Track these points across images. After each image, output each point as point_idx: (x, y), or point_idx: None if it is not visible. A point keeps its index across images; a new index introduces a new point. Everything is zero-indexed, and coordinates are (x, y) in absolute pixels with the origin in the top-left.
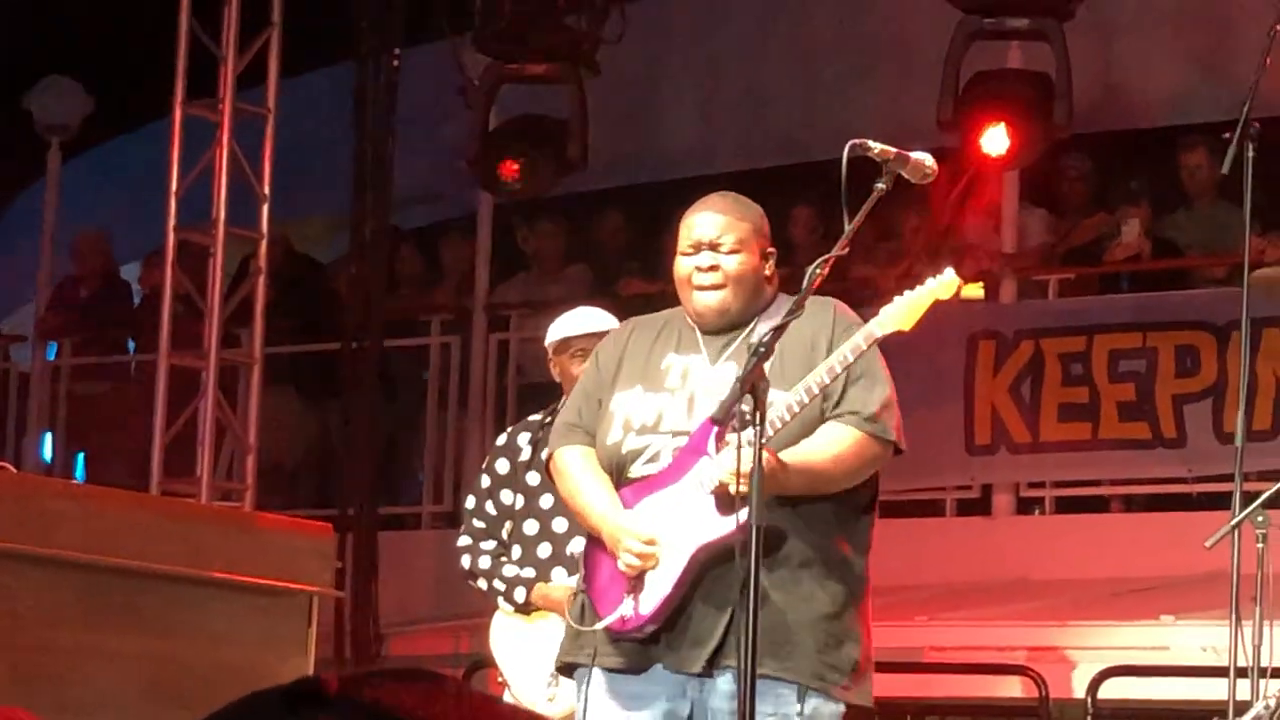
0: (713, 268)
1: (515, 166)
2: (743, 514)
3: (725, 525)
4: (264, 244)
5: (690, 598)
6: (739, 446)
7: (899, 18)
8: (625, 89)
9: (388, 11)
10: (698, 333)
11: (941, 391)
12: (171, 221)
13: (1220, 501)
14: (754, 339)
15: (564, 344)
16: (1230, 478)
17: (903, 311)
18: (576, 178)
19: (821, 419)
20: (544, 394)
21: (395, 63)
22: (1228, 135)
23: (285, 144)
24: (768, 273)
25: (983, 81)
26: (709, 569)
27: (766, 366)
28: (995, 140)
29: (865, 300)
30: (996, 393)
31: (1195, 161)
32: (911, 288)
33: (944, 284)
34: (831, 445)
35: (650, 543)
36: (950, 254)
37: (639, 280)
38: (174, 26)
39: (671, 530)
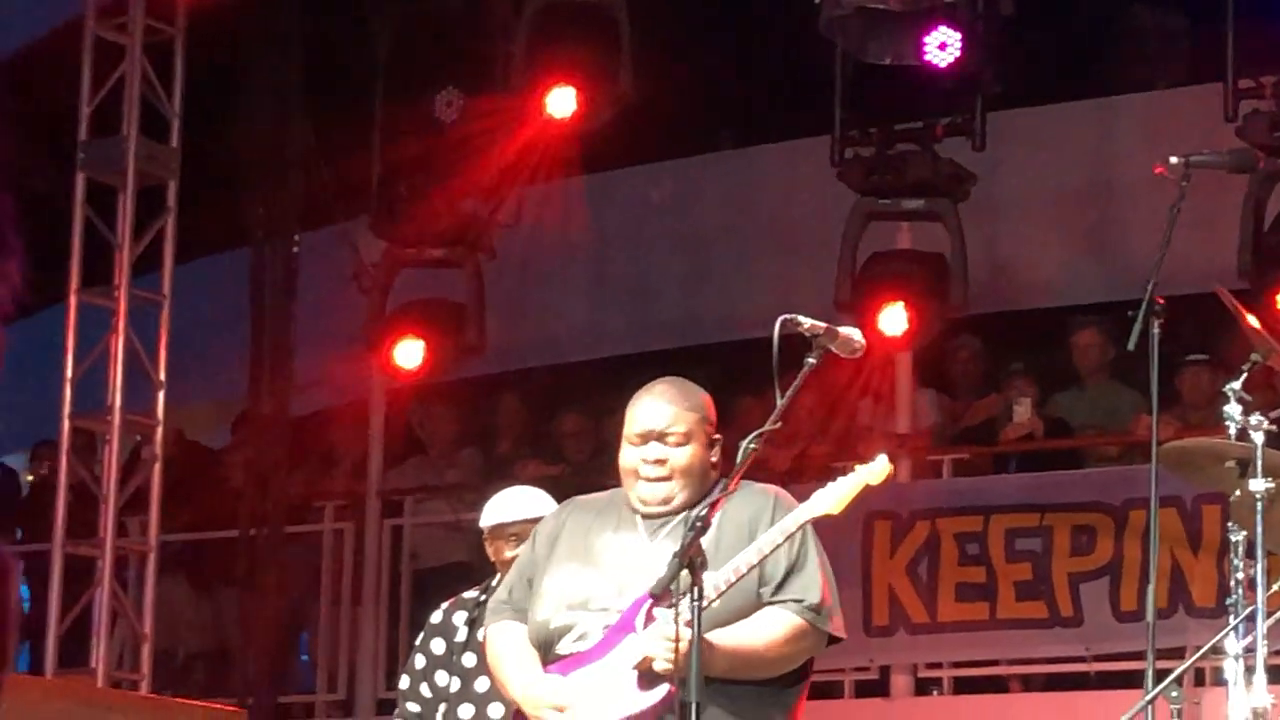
0: (660, 461)
1: (413, 351)
2: (661, 689)
3: (644, 700)
4: (159, 431)
5: None
6: (674, 619)
7: (785, 201)
8: (516, 273)
9: (284, 196)
10: (638, 516)
11: (839, 572)
12: (67, 409)
13: (1118, 680)
14: (691, 515)
15: (499, 529)
16: (1127, 656)
17: (833, 496)
18: (469, 362)
19: (757, 604)
20: (439, 579)
21: (294, 248)
22: (1132, 313)
23: (176, 328)
24: (714, 459)
25: (879, 262)
26: None
27: (703, 545)
28: (893, 320)
29: (759, 481)
30: (893, 573)
31: (1086, 341)
32: (817, 468)
33: (875, 471)
34: (767, 631)
35: (561, 709)
36: (845, 436)
37: (536, 462)
38: (67, 213)
39: (592, 706)
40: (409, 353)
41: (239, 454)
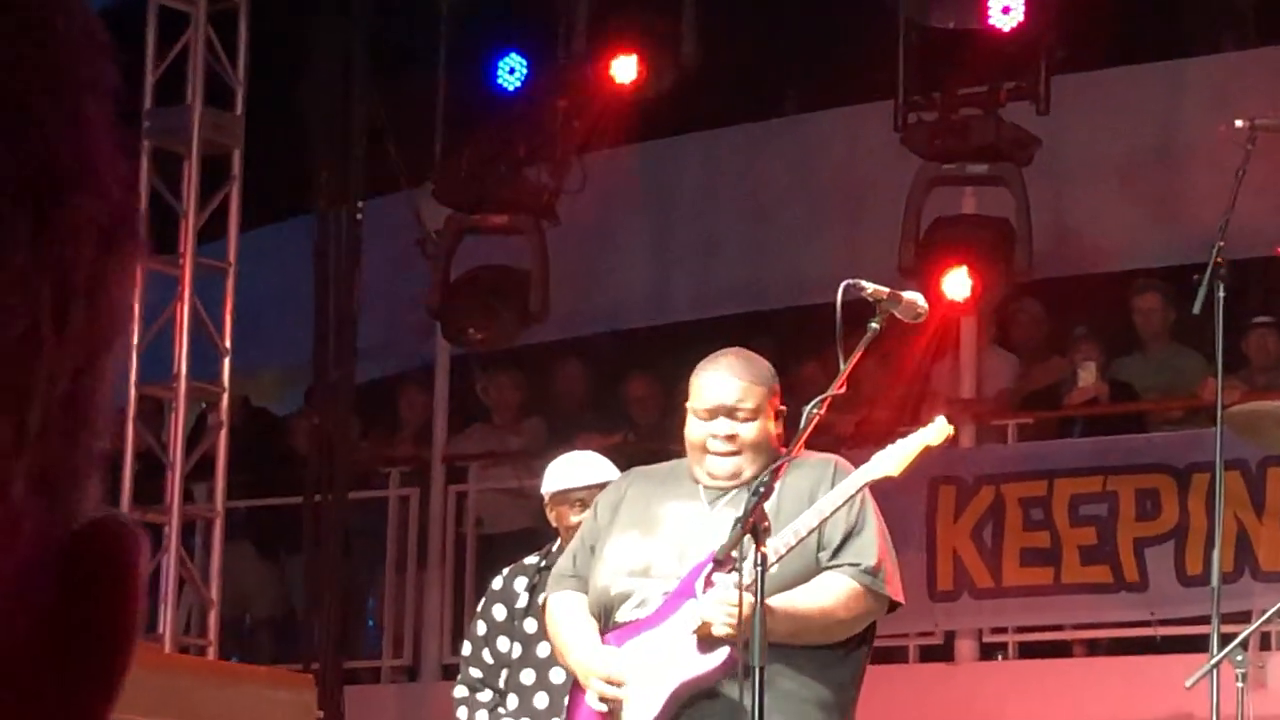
0: (730, 436)
1: (478, 318)
2: (722, 652)
3: (706, 663)
4: (225, 397)
5: None
6: (737, 585)
7: (849, 166)
8: (580, 239)
9: (348, 164)
10: (699, 485)
11: (903, 537)
12: (133, 376)
13: (1184, 644)
14: (754, 482)
15: (563, 495)
16: (1193, 620)
17: (893, 458)
18: (533, 328)
19: (817, 568)
20: (504, 545)
21: (358, 215)
22: (1197, 277)
23: (241, 296)
24: (778, 432)
25: (943, 227)
26: (690, 705)
27: (766, 510)
28: (957, 285)
29: (822, 446)
30: (958, 538)
31: (1148, 305)
32: (880, 433)
33: (934, 433)
34: (824, 596)
35: (617, 681)
36: (909, 400)
37: (596, 435)
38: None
39: (653, 670)
40: (476, 319)
41: (304, 420)
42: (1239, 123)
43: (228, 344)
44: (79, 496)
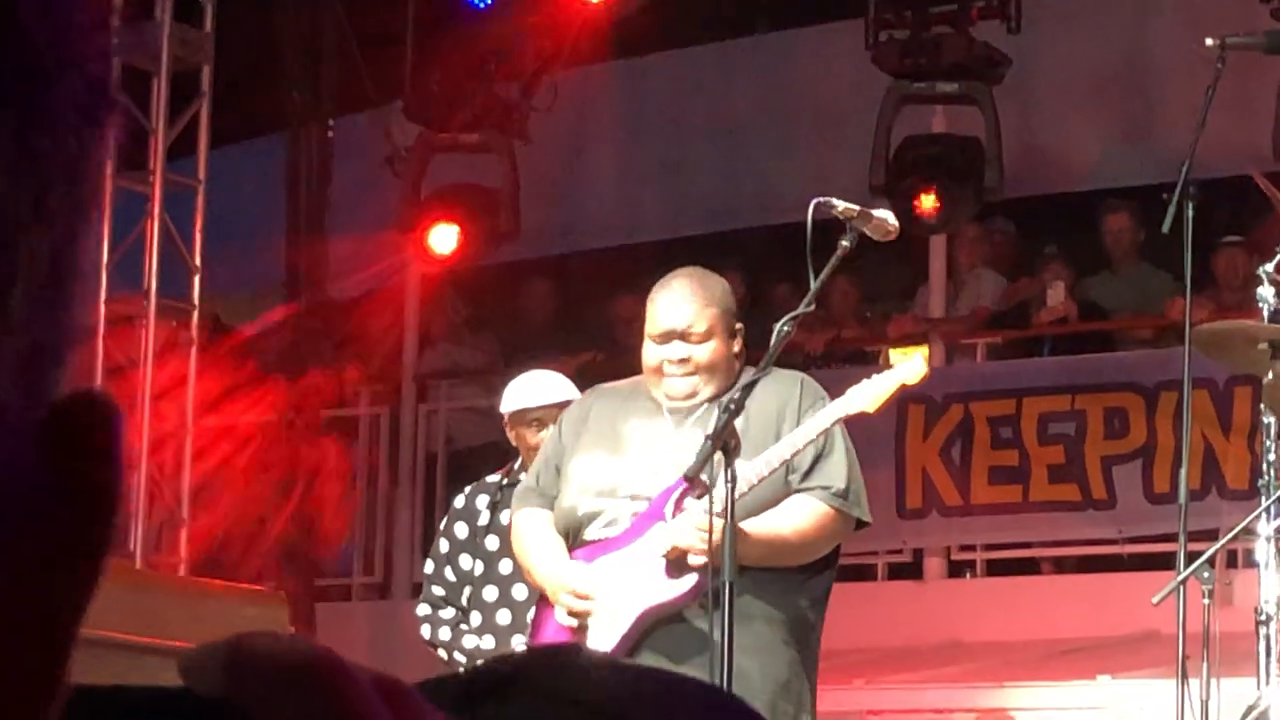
0: (684, 360)
1: (447, 236)
2: (690, 577)
3: (674, 588)
4: (195, 315)
5: (636, 656)
6: (708, 510)
7: (820, 84)
8: (550, 157)
9: (319, 81)
10: (664, 405)
11: (872, 455)
12: (102, 294)
13: (1151, 562)
14: (724, 399)
15: (520, 414)
16: (1160, 538)
17: (869, 394)
18: (501, 247)
19: (786, 491)
20: (475, 459)
21: (329, 133)
22: (1166, 196)
23: (211, 214)
24: (736, 350)
25: (913, 146)
26: (655, 629)
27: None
28: (927, 204)
29: (792, 365)
30: (927, 456)
31: (1118, 225)
32: (850, 353)
33: (911, 371)
34: (795, 519)
35: (586, 596)
36: (878, 319)
37: (564, 356)
38: None
39: (620, 591)
40: (443, 237)
41: (275, 338)
42: (1210, 41)
43: (198, 261)
44: (59, 375)
